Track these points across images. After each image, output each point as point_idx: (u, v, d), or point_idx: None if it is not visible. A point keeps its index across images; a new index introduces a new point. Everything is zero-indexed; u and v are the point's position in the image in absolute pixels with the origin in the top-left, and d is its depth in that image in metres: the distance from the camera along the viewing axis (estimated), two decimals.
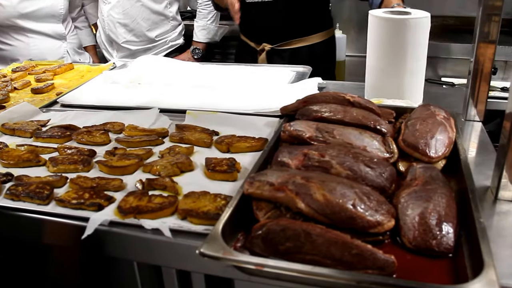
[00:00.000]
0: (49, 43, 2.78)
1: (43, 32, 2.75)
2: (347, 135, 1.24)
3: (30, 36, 2.73)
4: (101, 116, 1.60)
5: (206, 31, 2.85)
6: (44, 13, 2.72)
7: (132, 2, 2.71)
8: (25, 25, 2.70)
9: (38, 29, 2.73)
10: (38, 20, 2.72)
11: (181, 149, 1.33)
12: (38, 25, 2.73)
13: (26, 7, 2.68)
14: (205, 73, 2.00)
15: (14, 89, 1.93)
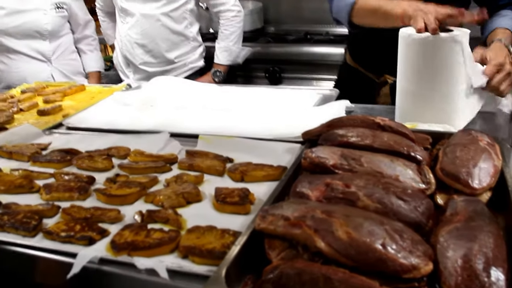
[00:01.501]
0: (31, 66, 2.63)
1: (24, 53, 2.61)
2: (376, 162, 1.08)
3: (11, 57, 2.61)
4: (106, 140, 1.48)
5: (227, 52, 2.74)
6: (26, 28, 2.58)
7: (151, 22, 2.62)
8: (7, 43, 2.59)
9: (20, 49, 2.60)
10: (21, 37, 2.59)
11: (190, 178, 1.19)
12: (20, 43, 2.60)
13: (6, 23, 2.56)
14: (224, 95, 1.88)
15: (20, 110, 1.83)
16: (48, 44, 2.66)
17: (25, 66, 2.63)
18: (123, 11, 2.66)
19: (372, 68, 1.99)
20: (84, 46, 2.89)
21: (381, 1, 1.67)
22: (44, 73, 2.64)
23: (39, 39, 2.63)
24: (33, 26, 2.59)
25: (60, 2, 2.68)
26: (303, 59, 3.14)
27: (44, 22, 2.61)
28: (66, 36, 2.77)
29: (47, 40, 2.65)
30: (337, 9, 1.82)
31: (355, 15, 1.75)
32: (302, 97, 1.82)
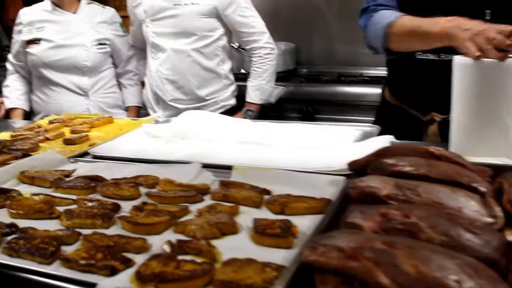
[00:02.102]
0: (69, 98, 2.63)
1: (64, 85, 2.61)
2: (435, 193, 0.96)
3: (52, 89, 2.61)
4: (133, 169, 1.39)
5: (260, 91, 2.66)
6: (67, 63, 2.60)
7: (182, 58, 2.56)
8: (49, 76, 2.59)
9: (60, 81, 2.60)
10: (61, 71, 2.60)
11: (224, 208, 1.08)
12: (61, 76, 2.60)
13: (49, 56, 2.58)
14: (258, 130, 1.79)
15: (46, 139, 1.77)
16: (87, 79, 2.66)
17: (63, 98, 2.62)
18: (154, 47, 2.63)
19: (417, 105, 1.85)
20: (125, 80, 2.87)
21: (420, 21, 1.56)
22: (81, 106, 2.63)
23: (78, 74, 2.64)
24: (73, 61, 2.61)
25: (102, 38, 2.69)
26: (337, 99, 3.07)
27: (83, 58, 2.62)
28: (107, 70, 2.76)
29: (86, 75, 2.65)
30: (371, 34, 1.73)
31: (392, 39, 1.65)
32: (342, 133, 1.71)
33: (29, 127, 1.92)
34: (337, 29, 3.61)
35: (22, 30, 2.62)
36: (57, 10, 2.63)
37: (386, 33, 1.64)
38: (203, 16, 2.55)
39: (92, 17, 2.69)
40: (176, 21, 2.55)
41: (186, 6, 2.53)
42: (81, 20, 2.66)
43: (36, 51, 2.58)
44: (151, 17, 2.61)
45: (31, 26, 2.61)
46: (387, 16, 1.66)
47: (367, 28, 1.75)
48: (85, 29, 2.65)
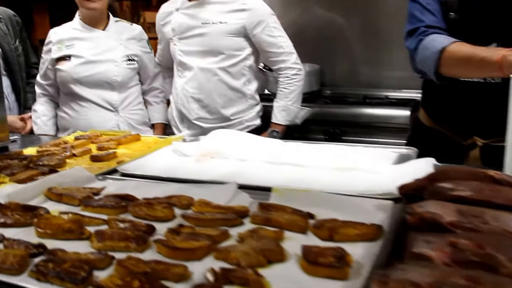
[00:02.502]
0: (99, 114, 2.59)
1: (94, 101, 2.58)
2: (505, 220, 0.87)
3: (81, 105, 2.57)
4: (165, 188, 1.31)
5: (286, 112, 2.59)
6: (97, 79, 2.56)
7: (208, 76, 2.51)
8: (79, 91, 2.56)
9: (90, 97, 2.57)
10: (91, 86, 2.57)
11: (268, 233, 1.00)
12: (91, 92, 2.57)
13: (80, 71, 2.55)
14: (290, 150, 1.71)
15: (73, 155, 1.71)
16: (117, 94, 2.62)
17: (93, 114, 2.58)
18: (181, 65, 2.58)
19: (457, 129, 1.76)
20: (151, 98, 2.82)
21: (477, 48, 1.49)
22: (111, 122, 2.59)
23: (108, 89, 2.60)
24: (103, 76, 2.58)
25: (131, 54, 2.66)
26: (363, 121, 2.98)
27: (114, 74, 2.59)
28: (135, 87, 2.72)
29: (116, 91, 2.62)
30: (422, 58, 1.65)
31: (445, 64, 1.57)
32: (378, 154, 1.63)
33: (55, 143, 1.86)
34: (361, 51, 3.56)
35: (51, 49, 2.60)
36: (86, 27, 2.61)
37: (440, 58, 1.57)
38: (231, 35, 2.50)
39: (121, 33, 2.67)
40: (203, 40, 2.51)
41: (214, 25, 2.49)
42: (111, 37, 2.63)
43: (66, 67, 2.55)
44: (178, 35, 2.57)
45: (60, 44, 2.59)
46: (440, 41, 1.59)
47: (417, 51, 1.67)
48: (114, 45, 2.62)
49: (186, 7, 2.56)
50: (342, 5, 3.58)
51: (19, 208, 1.15)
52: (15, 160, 1.61)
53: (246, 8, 2.49)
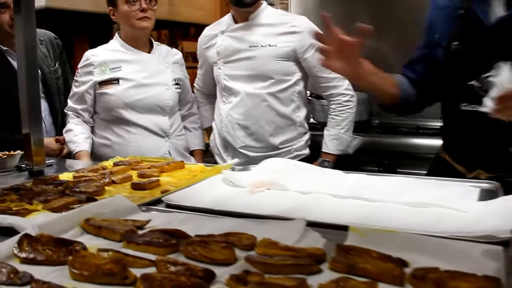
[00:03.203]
0: (150, 140, 2.43)
1: (145, 127, 2.43)
2: None
3: (131, 131, 2.41)
4: (221, 224, 1.12)
5: (338, 141, 2.39)
6: (149, 103, 2.42)
7: (256, 102, 2.35)
8: (128, 117, 2.40)
9: (141, 123, 2.41)
10: (142, 111, 2.42)
11: (358, 285, 0.79)
12: (142, 117, 2.42)
13: (131, 95, 2.40)
14: (354, 182, 1.50)
15: (112, 182, 1.54)
16: (167, 119, 2.49)
17: (143, 140, 2.43)
18: (226, 90, 2.43)
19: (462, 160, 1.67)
20: (189, 123, 2.69)
21: None
22: (162, 149, 2.44)
23: (160, 114, 2.47)
24: (156, 100, 2.45)
25: (177, 78, 2.55)
26: (419, 152, 2.80)
27: (166, 98, 2.47)
28: (177, 113, 2.60)
29: (167, 115, 2.49)
30: None
31: None
32: (456, 191, 1.41)
33: (93, 169, 1.71)
34: None
35: (93, 71, 2.44)
36: (131, 49, 2.48)
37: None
38: (281, 59, 2.35)
39: (166, 57, 2.55)
40: (251, 64, 2.36)
41: (263, 48, 2.34)
42: (158, 60, 2.51)
43: (114, 91, 2.41)
44: (224, 59, 2.43)
45: (104, 67, 2.44)
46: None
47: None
48: (163, 68, 2.50)
49: (232, 30, 2.42)
50: (390, 35, 3.42)
51: (51, 242, 0.97)
52: (50, 186, 1.45)
53: (297, 31, 2.34)
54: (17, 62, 1.93)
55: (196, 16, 5.70)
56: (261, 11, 2.39)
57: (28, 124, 1.77)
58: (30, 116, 1.79)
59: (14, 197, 1.34)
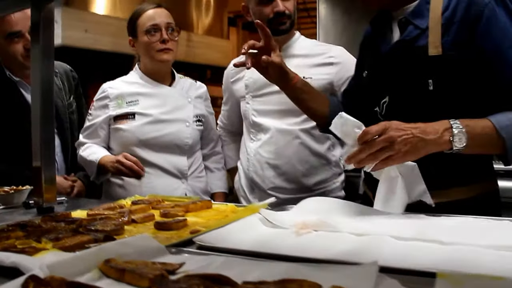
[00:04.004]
0: (166, 181, 2.22)
1: (161, 166, 2.22)
2: None
3: (145, 171, 2.20)
4: (271, 269, 0.90)
5: None
6: (167, 141, 2.23)
7: (288, 139, 2.14)
8: (142, 155, 2.20)
9: (156, 162, 2.21)
10: (159, 150, 2.22)
11: None
12: (158, 156, 2.22)
13: (147, 132, 2.21)
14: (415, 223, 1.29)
15: (132, 221, 1.33)
16: (186, 159, 2.29)
17: (158, 181, 2.22)
18: (255, 126, 2.24)
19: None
20: (212, 163, 2.49)
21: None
22: (178, 191, 2.22)
23: (178, 153, 2.27)
24: (174, 138, 2.25)
25: (199, 114, 2.37)
26: None
27: (185, 136, 2.28)
28: (198, 151, 2.41)
29: (185, 155, 2.29)
30: None
31: None
32: None
33: (109, 207, 1.50)
34: None
35: (108, 105, 2.28)
36: (151, 82, 2.31)
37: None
38: None
39: (188, 91, 2.38)
40: (283, 98, 2.13)
41: None
42: (179, 94, 2.34)
43: (129, 126, 2.22)
44: (253, 92, 2.26)
45: (120, 100, 2.27)
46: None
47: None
48: (184, 103, 2.32)
49: None
50: None
51: (63, 286, 0.76)
52: (61, 223, 1.25)
53: (335, 62, 2.17)
54: (31, 94, 1.76)
55: (213, 58, 5.64)
56: (295, 41, 2.24)
57: (40, 157, 1.59)
58: (43, 148, 1.61)
59: (20, 234, 1.14)
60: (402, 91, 1.53)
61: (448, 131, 1.32)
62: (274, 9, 2.12)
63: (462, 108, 1.43)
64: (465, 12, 1.42)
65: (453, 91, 1.44)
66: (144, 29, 2.23)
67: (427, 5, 1.50)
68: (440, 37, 1.44)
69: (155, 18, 2.24)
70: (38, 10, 1.58)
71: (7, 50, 2.23)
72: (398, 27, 1.57)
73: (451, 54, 1.43)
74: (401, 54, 1.54)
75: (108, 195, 2.27)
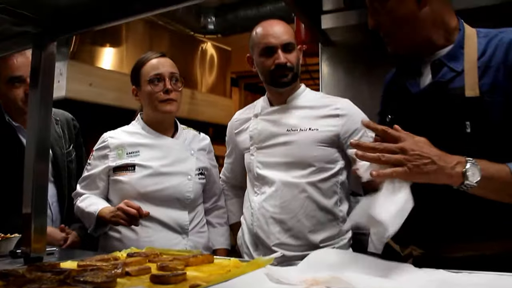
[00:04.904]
0: (165, 236, 2.10)
1: (161, 221, 2.11)
2: None
3: (143, 224, 2.06)
4: None
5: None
6: (167, 194, 2.12)
7: (294, 193, 2.03)
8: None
9: (157, 216, 2.09)
10: (159, 203, 2.11)
11: None
12: (158, 210, 2.10)
13: (147, 185, 2.11)
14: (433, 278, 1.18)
15: (126, 274, 1.22)
16: (187, 214, 2.18)
17: (158, 235, 2.09)
18: (259, 179, 2.14)
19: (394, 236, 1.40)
20: (215, 218, 2.38)
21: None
22: (179, 246, 2.09)
23: (178, 208, 2.16)
24: (175, 192, 2.15)
25: (202, 167, 2.28)
26: None
27: (187, 189, 2.18)
28: (200, 205, 2.30)
29: (186, 209, 2.18)
30: None
31: None
32: None
33: (102, 258, 1.39)
34: None
35: (108, 155, 2.18)
36: (153, 133, 2.23)
37: None
38: (323, 144, 2.08)
39: (191, 142, 2.30)
40: (289, 149, 2.09)
41: (302, 132, 2.09)
42: (182, 146, 2.25)
43: (129, 178, 2.12)
44: (257, 144, 2.17)
45: (120, 151, 2.18)
46: None
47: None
48: (186, 156, 2.24)
49: (268, 113, 2.20)
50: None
51: None
52: (48, 273, 1.13)
53: (341, 114, 2.10)
54: (26, 139, 1.69)
55: (216, 116, 5.64)
56: (300, 93, 2.18)
57: (31, 204, 1.49)
58: (35, 195, 1.51)
59: (0, 283, 1.02)
60: (437, 132, 1.46)
61: (462, 164, 1.29)
62: (276, 61, 2.08)
63: (499, 151, 1.38)
64: (504, 56, 1.42)
65: (490, 134, 1.40)
66: (147, 78, 2.18)
67: (461, 50, 1.50)
68: (477, 79, 1.43)
69: (159, 68, 2.19)
70: (39, 50, 1.52)
71: (7, 95, 2.19)
72: (430, 70, 1.55)
73: (488, 96, 1.41)
74: (435, 96, 1.50)
75: (104, 249, 2.12)
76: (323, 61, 3.35)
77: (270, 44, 2.09)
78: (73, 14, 1.48)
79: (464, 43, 1.51)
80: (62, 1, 1.42)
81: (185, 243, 2.13)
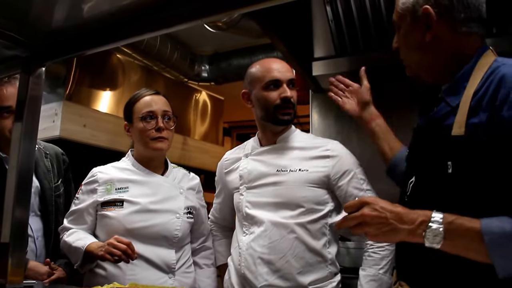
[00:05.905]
0: (151, 275, 2.04)
1: (148, 258, 2.06)
2: None
3: (130, 262, 1.98)
4: None
5: (377, 283, 1.96)
6: (154, 232, 2.09)
7: (283, 233, 2.00)
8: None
9: (143, 253, 2.04)
10: (146, 241, 2.07)
11: None
12: (144, 247, 2.06)
13: (134, 221, 2.07)
14: None
15: None
16: (174, 253, 2.14)
17: (143, 274, 2.04)
18: (248, 219, 2.11)
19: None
20: (202, 259, 2.33)
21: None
22: (165, 286, 2.03)
23: (165, 246, 2.13)
24: (163, 229, 2.12)
25: (191, 206, 2.26)
26: None
27: (175, 228, 2.14)
28: (188, 245, 2.27)
29: (173, 248, 2.15)
30: None
31: None
32: None
33: None
34: None
35: (97, 190, 2.16)
36: (143, 169, 2.23)
37: None
38: (312, 185, 2.07)
39: (181, 181, 2.30)
40: (278, 190, 2.08)
41: (292, 172, 2.09)
42: (171, 184, 2.24)
43: (116, 214, 2.09)
44: (247, 184, 2.16)
45: (109, 186, 2.17)
46: None
47: None
48: (175, 194, 2.22)
49: (258, 153, 2.20)
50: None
51: None
52: None
53: (331, 155, 2.10)
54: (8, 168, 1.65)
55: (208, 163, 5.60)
56: (291, 134, 2.19)
57: (10, 233, 1.45)
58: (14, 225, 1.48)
59: None
60: (424, 171, 1.43)
61: (424, 224, 1.23)
62: (281, 95, 2.09)
63: (482, 196, 1.28)
64: (492, 94, 1.30)
65: (473, 177, 1.29)
66: (140, 115, 2.19)
67: (464, 83, 1.39)
68: (466, 117, 1.32)
69: (152, 105, 2.21)
70: (27, 75, 1.52)
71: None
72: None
73: (473, 136, 1.30)
74: (427, 132, 1.47)
75: (89, 286, 2.05)
76: (313, 107, 3.39)
77: (276, 78, 2.10)
78: (63, 40, 1.49)
79: (471, 75, 1.39)
80: (52, 26, 1.43)
81: (171, 283, 2.07)
